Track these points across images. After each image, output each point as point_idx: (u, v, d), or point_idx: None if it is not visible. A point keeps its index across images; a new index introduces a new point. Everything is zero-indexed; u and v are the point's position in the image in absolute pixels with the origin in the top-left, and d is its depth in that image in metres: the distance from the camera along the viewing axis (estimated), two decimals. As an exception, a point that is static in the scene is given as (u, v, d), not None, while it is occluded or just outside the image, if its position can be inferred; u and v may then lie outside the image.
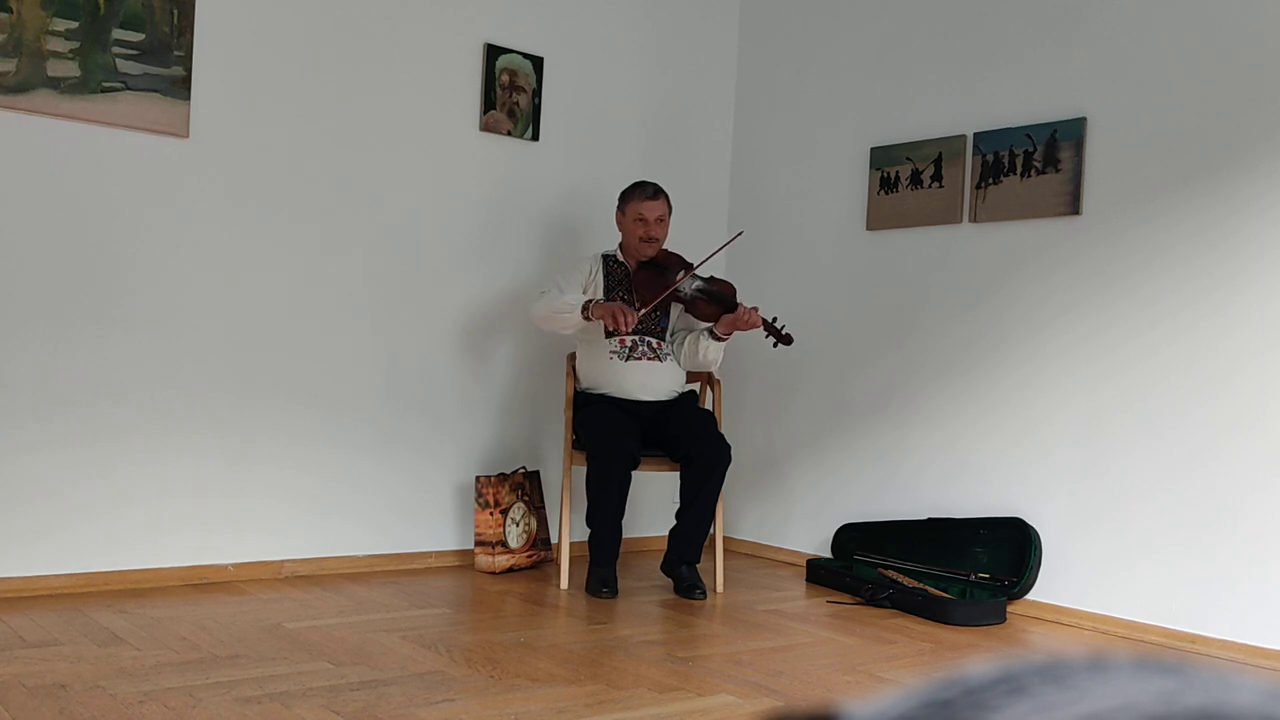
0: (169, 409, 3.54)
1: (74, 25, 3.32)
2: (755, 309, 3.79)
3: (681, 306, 3.93)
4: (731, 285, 3.93)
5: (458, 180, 4.12)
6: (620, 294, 3.89)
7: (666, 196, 3.92)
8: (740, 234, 4.19)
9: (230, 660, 2.70)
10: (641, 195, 3.88)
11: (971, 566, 3.84)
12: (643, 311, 3.75)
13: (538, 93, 4.26)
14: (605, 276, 3.92)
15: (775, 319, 3.88)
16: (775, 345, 3.87)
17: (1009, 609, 3.68)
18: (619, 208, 3.95)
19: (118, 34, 3.38)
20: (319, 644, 2.90)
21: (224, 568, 3.63)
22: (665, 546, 3.91)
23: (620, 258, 3.97)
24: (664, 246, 3.94)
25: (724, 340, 3.87)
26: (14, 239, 3.27)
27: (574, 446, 3.88)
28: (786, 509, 4.57)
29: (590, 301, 3.69)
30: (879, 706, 0.33)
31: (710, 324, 3.87)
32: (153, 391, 3.50)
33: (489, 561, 3.96)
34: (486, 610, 3.44)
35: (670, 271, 3.86)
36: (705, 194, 4.77)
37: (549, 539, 4.18)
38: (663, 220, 3.89)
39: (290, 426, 3.77)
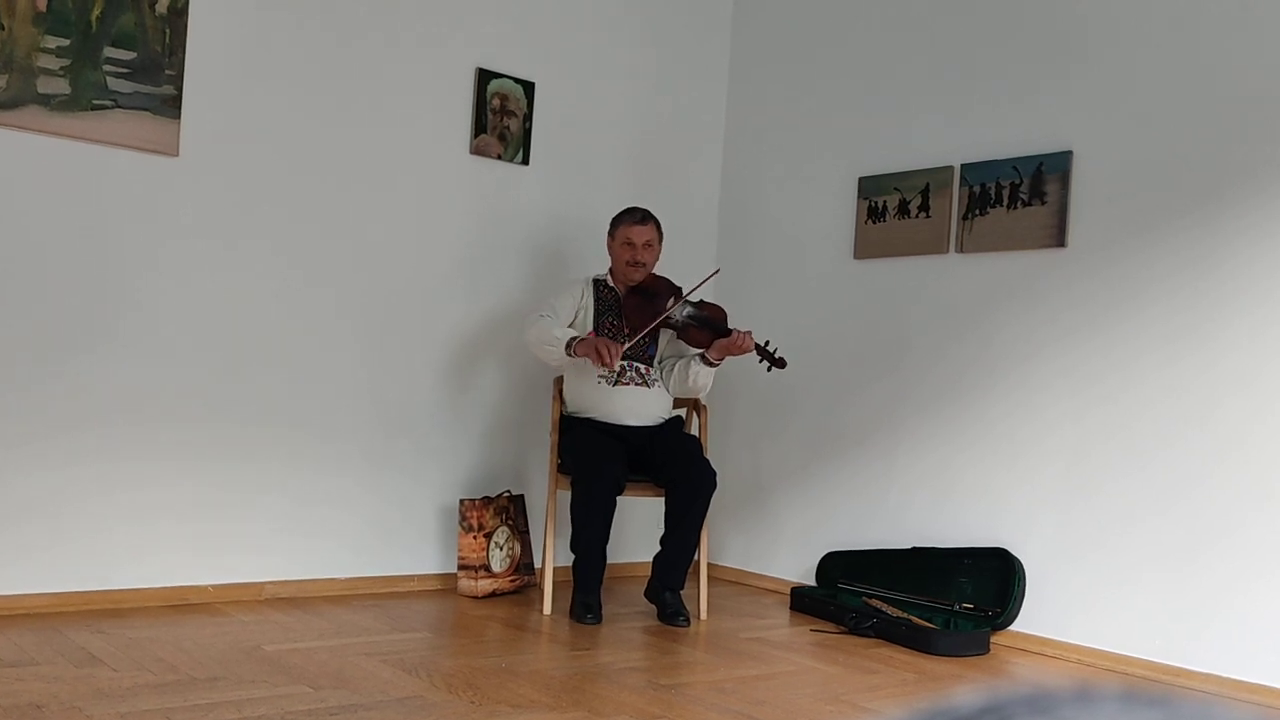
0: (152, 428, 3.51)
1: (65, 42, 3.32)
2: (748, 333, 3.79)
3: (672, 333, 3.93)
4: (722, 310, 3.94)
5: (447, 203, 4.12)
6: (610, 319, 3.89)
7: (657, 222, 3.93)
8: (717, 271, 4.22)
9: (209, 682, 2.68)
10: (630, 220, 3.89)
11: (956, 596, 3.84)
12: (631, 343, 3.75)
13: (529, 117, 4.28)
14: (596, 301, 3.92)
15: (767, 342, 3.88)
16: (769, 369, 3.86)
17: (993, 639, 3.67)
18: (609, 232, 3.96)
19: (109, 52, 3.39)
20: (298, 667, 2.87)
21: (204, 588, 3.60)
22: (649, 572, 3.90)
23: (610, 282, 3.97)
24: (653, 272, 3.95)
25: (716, 365, 3.87)
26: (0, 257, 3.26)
27: (559, 470, 3.87)
28: (771, 536, 4.56)
29: (574, 339, 3.68)
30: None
31: (702, 349, 3.87)
32: (136, 411, 3.48)
33: (472, 585, 3.94)
34: (468, 635, 3.42)
35: (660, 298, 3.86)
36: (694, 221, 4.79)
37: (532, 563, 4.16)
38: (650, 246, 3.89)
39: (273, 447, 3.76)
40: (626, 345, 3.72)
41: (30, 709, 2.39)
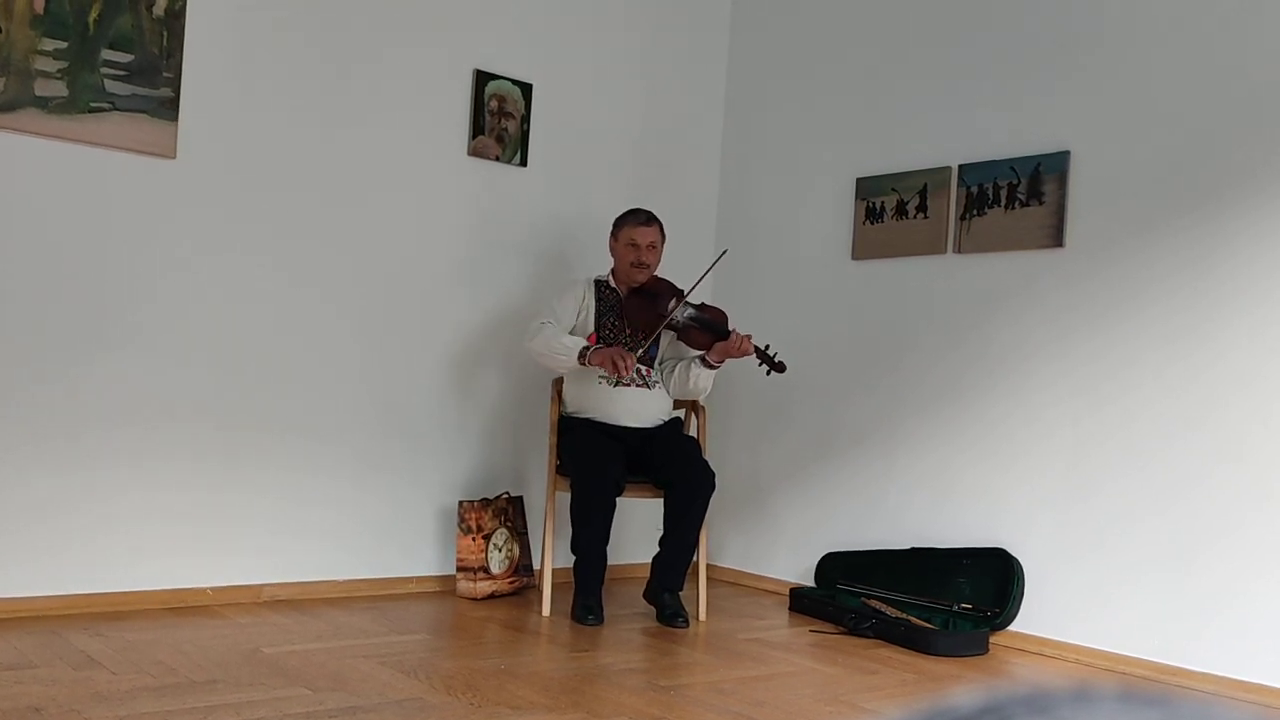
0: (150, 431, 3.51)
1: (63, 45, 3.32)
2: (748, 337, 3.79)
3: (673, 334, 3.93)
4: (723, 313, 3.94)
5: (445, 205, 4.12)
6: (611, 320, 3.89)
7: (660, 224, 3.93)
8: (725, 252, 4.22)
9: (207, 685, 2.68)
10: (634, 221, 3.89)
11: (955, 597, 3.84)
12: (640, 350, 3.76)
13: (526, 119, 4.28)
14: (597, 301, 3.92)
15: (768, 346, 3.88)
16: (769, 373, 3.87)
17: (991, 640, 3.67)
18: (612, 233, 3.96)
19: (107, 54, 3.39)
20: (297, 669, 2.87)
21: (202, 591, 3.60)
22: (648, 573, 3.90)
23: (612, 283, 3.97)
24: (655, 273, 3.95)
25: (716, 368, 3.87)
26: (-3, 257, 3.26)
27: (558, 472, 3.87)
28: (770, 537, 4.56)
29: (587, 348, 3.68)
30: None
31: (702, 352, 3.87)
32: (134, 414, 3.48)
33: (470, 587, 3.94)
34: (467, 636, 3.41)
35: (662, 299, 3.86)
36: (692, 222, 4.79)
37: (531, 565, 4.16)
38: (654, 247, 3.90)
39: (271, 449, 3.75)
40: (639, 352, 3.73)
41: (29, 712, 2.39)
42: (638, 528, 4.45)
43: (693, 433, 4.10)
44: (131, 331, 3.48)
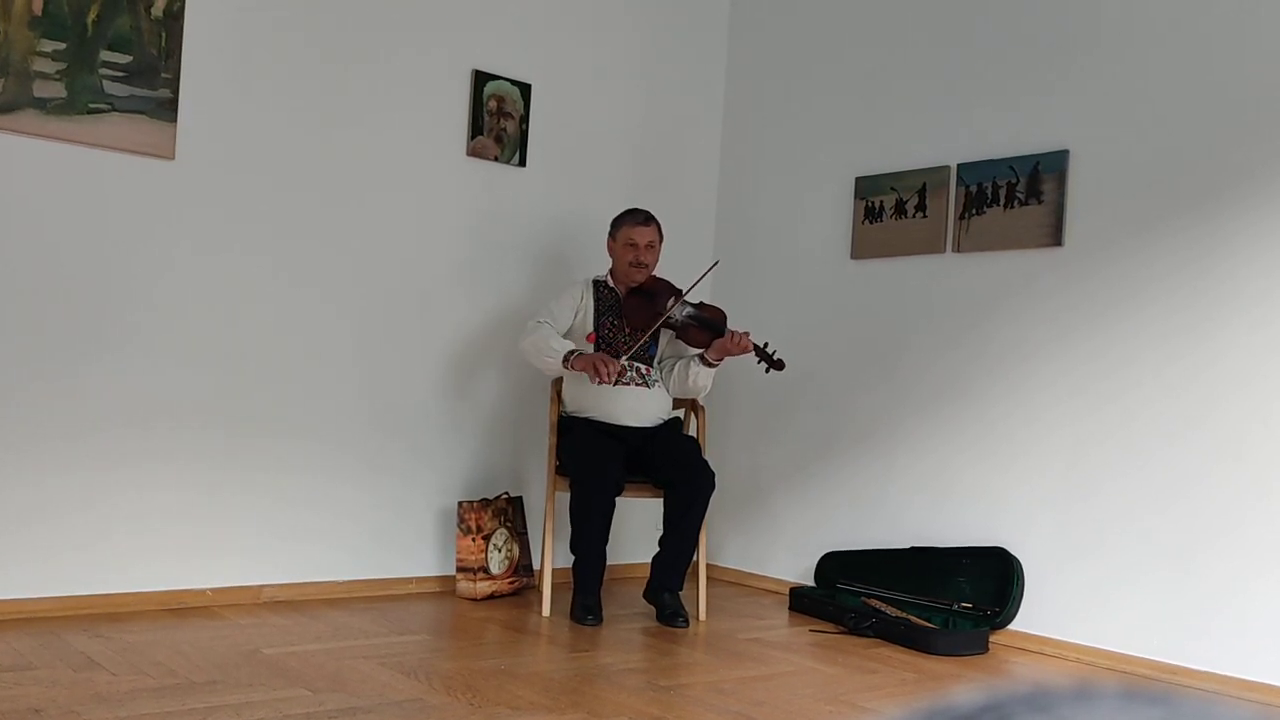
0: (150, 432, 3.51)
1: (62, 46, 3.31)
2: (747, 334, 3.80)
3: (672, 333, 3.93)
4: (722, 311, 3.94)
5: (444, 206, 4.12)
6: (610, 319, 3.89)
7: (658, 224, 3.94)
8: (717, 263, 4.23)
9: (207, 686, 2.68)
10: (633, 221, 3.89)
11: (955, 596, 3.84)
12: (629, 354, 3.76)
13: (525, 119, 4.28)
14: (596, 301, 3.92)
15: (766, 344, 3.89)
16: (767, 370, 3.87)
17: (991, 639, 3.67)
18: (610, 234, 3.96)
19: (105, 55, 3.38)
20: (297, 670, 2.87)
21: (202, 592, 3.60)
22: (648, 573, 3.90)
23: (610, 283, 3.97)
24: (653, 273, 3.95)
25: (715, 366, 3.88)
26: (-4, 259, 3.26)
27: (557, 472, 3.87)
28: (770, 537, 4.56)
29: (572, 352, 3.69)
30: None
31: (701, 350, 3.87)
32: (132, 415, 3.48)
33: (470, 588, 3.94)
34: (467, 637, 3.41)
35: (660, 298, 3.86)
36: (691, 222, 4.79)
37: (531, 565, 4.16)
38: (653, 246, 3.90)
39: (271, 450, 3.75)
40: (624, 358, 3.73)
41: (29, 713, 2.38)
42: (637, 528, 4.45)
43: (692, 432, 4.09)
44: (130, 332, 3.47)
